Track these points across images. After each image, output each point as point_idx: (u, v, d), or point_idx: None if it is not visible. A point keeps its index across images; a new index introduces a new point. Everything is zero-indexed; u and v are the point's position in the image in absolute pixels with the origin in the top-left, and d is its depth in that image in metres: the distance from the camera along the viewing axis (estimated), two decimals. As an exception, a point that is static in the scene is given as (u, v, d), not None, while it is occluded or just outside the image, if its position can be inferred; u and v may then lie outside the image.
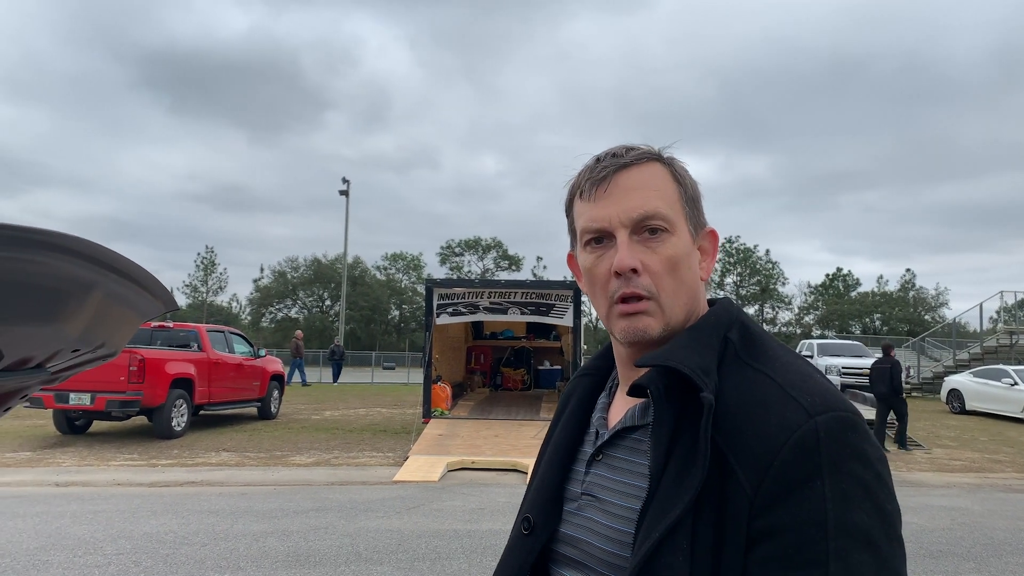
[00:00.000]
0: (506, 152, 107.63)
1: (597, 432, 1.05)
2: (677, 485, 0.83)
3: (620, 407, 1.04)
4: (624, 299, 0.95)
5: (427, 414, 13.11)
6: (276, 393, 15.59)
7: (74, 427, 12.19)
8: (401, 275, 74.73)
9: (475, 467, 9.73)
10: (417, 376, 27.81)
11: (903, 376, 13.45)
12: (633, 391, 0.95)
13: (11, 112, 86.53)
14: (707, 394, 0.85)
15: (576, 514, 1.00)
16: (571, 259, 1.09)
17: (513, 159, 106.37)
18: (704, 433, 0.83)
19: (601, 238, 0.98)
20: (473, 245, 73.50)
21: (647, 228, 0.95)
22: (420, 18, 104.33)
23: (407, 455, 10.25)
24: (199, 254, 67.38)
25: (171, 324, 13.47)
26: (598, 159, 1.01)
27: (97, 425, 12.82)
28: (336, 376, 28.73)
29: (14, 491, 7.91)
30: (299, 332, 28.17)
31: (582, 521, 0.98)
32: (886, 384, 12.79)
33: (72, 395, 10.94)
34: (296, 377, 25.58)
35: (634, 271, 0.94)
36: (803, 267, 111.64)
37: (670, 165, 1.01)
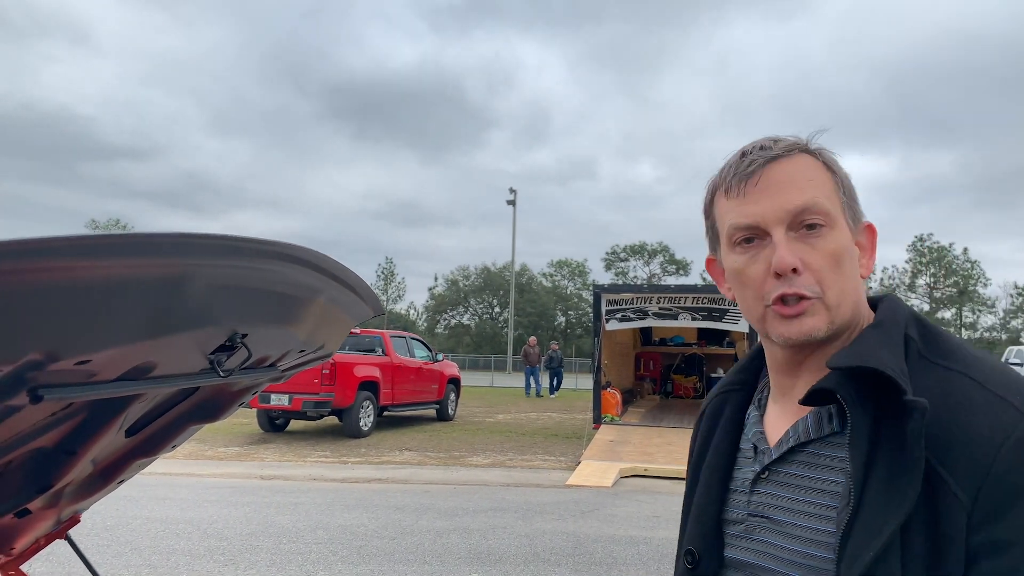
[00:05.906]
0: (664, 159, 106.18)
1: (756, 448, 0.97)
2: (885, 500, 0.77)
3: (777, 419, 0.97)
4: (783, 300, 0.87)
5: (597, 420, 13.12)
6: (453, 396, 16.23)
7: (274, 425, 13.31)
8: (567, 282, 75.30)
9: (648, 474, 9.60)
10: (585, 382, 27.76)
11: None
12: (812, 397, 0.86)
13: (218, 145, 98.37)
14: (919, 399, 0.78)
15: (746, 537, 0.94)
16: (711, 263, 1.03)
17: (672, 166, 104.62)
18: (916, 441, 0.76)
19: (752, 237, 0.90)
20: (639, 250, 72.60)
21: (805, 224, 0.87)
22: (576, 39, 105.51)
23: (579, 460, 10.30)
24: (379, 265, 71.37)
25: (358, 330, 14.38)
26: (743, 153, 0.93)
27: (294, 424, 13.94)
28: (554, 385, 25.54)
29: (227, 482, 8.78)
30: (532, 339, 25.95)
31: (755, 545, 0.92)
32: None
33: (273, 396, 11.98)
34: (543, 383, 24.39)
35: (794, 271, 0.86)
36: (1004, 267, 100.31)
37: (820, 155, 0.92)
